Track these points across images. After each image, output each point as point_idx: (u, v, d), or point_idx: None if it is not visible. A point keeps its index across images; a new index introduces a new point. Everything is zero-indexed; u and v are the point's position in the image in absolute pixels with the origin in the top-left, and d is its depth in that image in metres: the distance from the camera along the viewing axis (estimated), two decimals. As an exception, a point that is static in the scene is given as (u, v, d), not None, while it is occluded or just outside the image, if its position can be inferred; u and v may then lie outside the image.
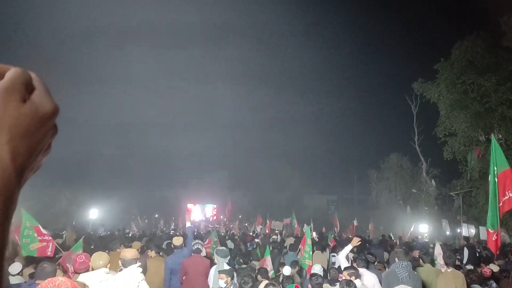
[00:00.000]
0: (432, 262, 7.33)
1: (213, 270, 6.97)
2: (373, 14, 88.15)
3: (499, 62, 22.41)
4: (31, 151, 0.47)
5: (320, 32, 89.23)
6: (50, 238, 8.41)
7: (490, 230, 7.08)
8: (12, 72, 0.47)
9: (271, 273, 7.68)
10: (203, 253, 7.70)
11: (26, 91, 0.47)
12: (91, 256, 4.80)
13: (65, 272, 6.40)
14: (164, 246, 10.62)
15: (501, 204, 6.75)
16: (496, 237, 7.02)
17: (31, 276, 6.55)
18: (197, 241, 7.76)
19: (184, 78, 62.24)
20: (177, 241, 7.82)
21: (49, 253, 8.21)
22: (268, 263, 8.59)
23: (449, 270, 6.15)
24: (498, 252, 7.58)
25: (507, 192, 6.69)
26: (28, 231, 8.07)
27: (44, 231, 8.27)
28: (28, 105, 0.47)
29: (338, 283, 5.83)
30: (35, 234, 8.06)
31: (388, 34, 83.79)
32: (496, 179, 6.83)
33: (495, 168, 6.86)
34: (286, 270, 7.62)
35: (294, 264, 8.67)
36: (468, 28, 32.20)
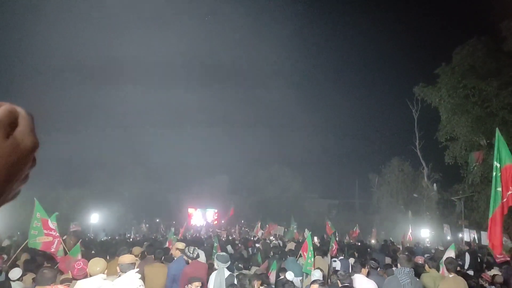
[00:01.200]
0: (438, 268, 7.26)
1: (213, 276, 6.93)
2: (373, 18, 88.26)
3: (500, 67, 22.41)
4: (9, 180, 0.53)
5: (320, 34, 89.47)
6: (57, 234, 8.38)
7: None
8: None
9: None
10: (202, 259, 7.66)
11: (10, 128, 0.53)
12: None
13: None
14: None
15: (505, 200, 6.66)
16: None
17: (33, 280, 6.53)
18: (193, 247, 7.72)
19: (186, 84, 62.40)
20: (181, 246, 7.78)
21: (53, 250, 8.18)
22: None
23: (450, 276, 6.11)
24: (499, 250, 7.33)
25: (511, 187, 6.61)
26: (37, 222, 8.11)
27: (52, 226, 8.26)
28: (10, 140, 0.53)
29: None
30: (42, 227, 8.07)
31: (389, 38, 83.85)
32: (496, 173, 6.73)
33: (497, 163, 6.78)
34: (289, 275, 7.59)
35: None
36: (469, 32, 32.22)
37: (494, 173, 6.66)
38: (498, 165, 6.67)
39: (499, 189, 6.54)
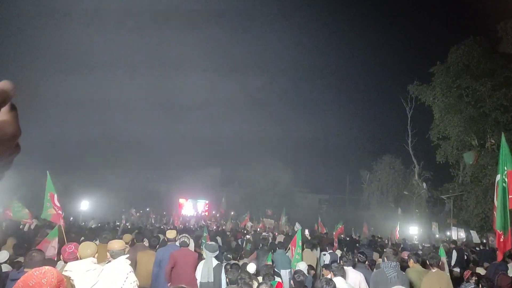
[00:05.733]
0: (424, 264, 7.34)
1: (201, 265, 6.97)
2: (370, 15, 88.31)
3: (495, 68, 22.55)
4: None
5: (316, 31, 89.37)
6: (60, 212, 8.54)
7: (499, 231, 6.97)
8: None
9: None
10: (191, 247, 7.69)
11: None
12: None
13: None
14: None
15: (510, 196, 6.69)
16: (504, 239, 6.88)
17: (19, 264, 6.52)
18: (184, 234, 7.76)
19: (179, 72, 61.99)
20: (171, 234, 7.82)
21: (61, 223, 8.37)
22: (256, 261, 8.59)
23: (433, 271, 6.21)
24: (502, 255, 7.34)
25: None
26: (49, 195, 8.28)
27: (57, 203, 8.39)
28: None
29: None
30: (51, 200, 8.25)
31: (385, 36, 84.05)
32: (506, 178, 6.74)
33: (505, 167, 6.79)
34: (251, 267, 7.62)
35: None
36: (465, 32, 32.37)
37: (507, 179, 6.65)
38: (507, 170, 6.68)
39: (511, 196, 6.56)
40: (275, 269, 7.86)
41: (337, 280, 5.64)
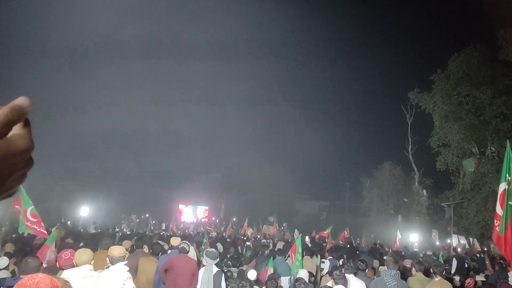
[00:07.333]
0: (426, 272, 7.26)
1: (201, 272, 6.91)
2: (370, 22, 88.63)
3: (495, 75, 22.57)
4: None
5: (316, 38, 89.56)
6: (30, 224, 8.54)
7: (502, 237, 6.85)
8: None
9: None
10: (192, 254, 7.64)
11: (4, 131, 0.55)
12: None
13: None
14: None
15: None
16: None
17: (14, 271, 6.50)
18: (184, 241, 7.71)
19: (179, 81, 62.17)
20: (175, 241, 7.77)
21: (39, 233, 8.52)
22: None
23: (436, 279, 6.14)
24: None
25: None
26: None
27: (29, 217, 8.41)
28: (2, 141, 0.54)
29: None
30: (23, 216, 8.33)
31: (386, 43, 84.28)
32: (509, 186, 6.69)
33: (508, 176, 6.75)
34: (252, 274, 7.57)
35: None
36: (465, 40, 32.43)
37: (506, 187, 6.61)
38: (510, 178, 6.64)
39: (511, 203, 6.48)
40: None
41: (337, 288, 5.61)
